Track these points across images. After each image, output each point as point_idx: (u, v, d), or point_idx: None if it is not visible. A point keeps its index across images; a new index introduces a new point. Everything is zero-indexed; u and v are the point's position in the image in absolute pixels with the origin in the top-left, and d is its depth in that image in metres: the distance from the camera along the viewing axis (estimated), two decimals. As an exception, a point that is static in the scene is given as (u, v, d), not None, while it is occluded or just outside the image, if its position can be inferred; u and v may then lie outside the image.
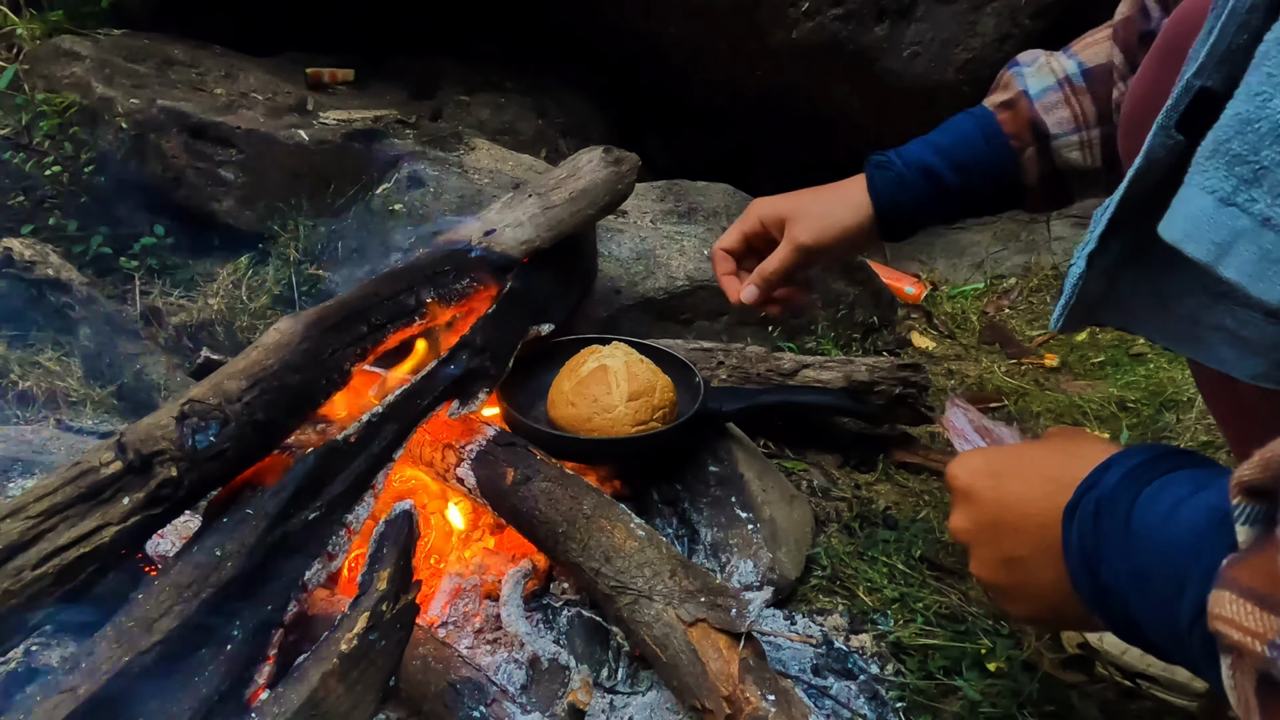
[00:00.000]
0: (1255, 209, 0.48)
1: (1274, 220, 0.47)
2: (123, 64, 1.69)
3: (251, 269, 1.57)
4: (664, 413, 1.05)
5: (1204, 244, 0.50)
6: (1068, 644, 0.92)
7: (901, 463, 1.31)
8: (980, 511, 0.55)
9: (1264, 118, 0.47)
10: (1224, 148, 0.49)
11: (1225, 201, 0.49)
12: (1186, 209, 0.51)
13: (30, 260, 1.41)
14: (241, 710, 0.64)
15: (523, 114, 2.10)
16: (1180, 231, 0.51)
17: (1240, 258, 0.48)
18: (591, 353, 1.09)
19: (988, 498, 0.55)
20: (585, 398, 1.03)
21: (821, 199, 0.93)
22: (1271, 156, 0.47)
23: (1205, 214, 0.50)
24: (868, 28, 1.93)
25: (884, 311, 1.80)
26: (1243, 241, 0.48)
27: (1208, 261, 0.49)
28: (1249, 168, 0.48)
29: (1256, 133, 0.47)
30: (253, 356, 0.77)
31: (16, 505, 0.63)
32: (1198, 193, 0.50)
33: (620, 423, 1.01)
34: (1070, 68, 0.84)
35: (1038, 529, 0.51)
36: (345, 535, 0.78)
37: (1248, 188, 0.48)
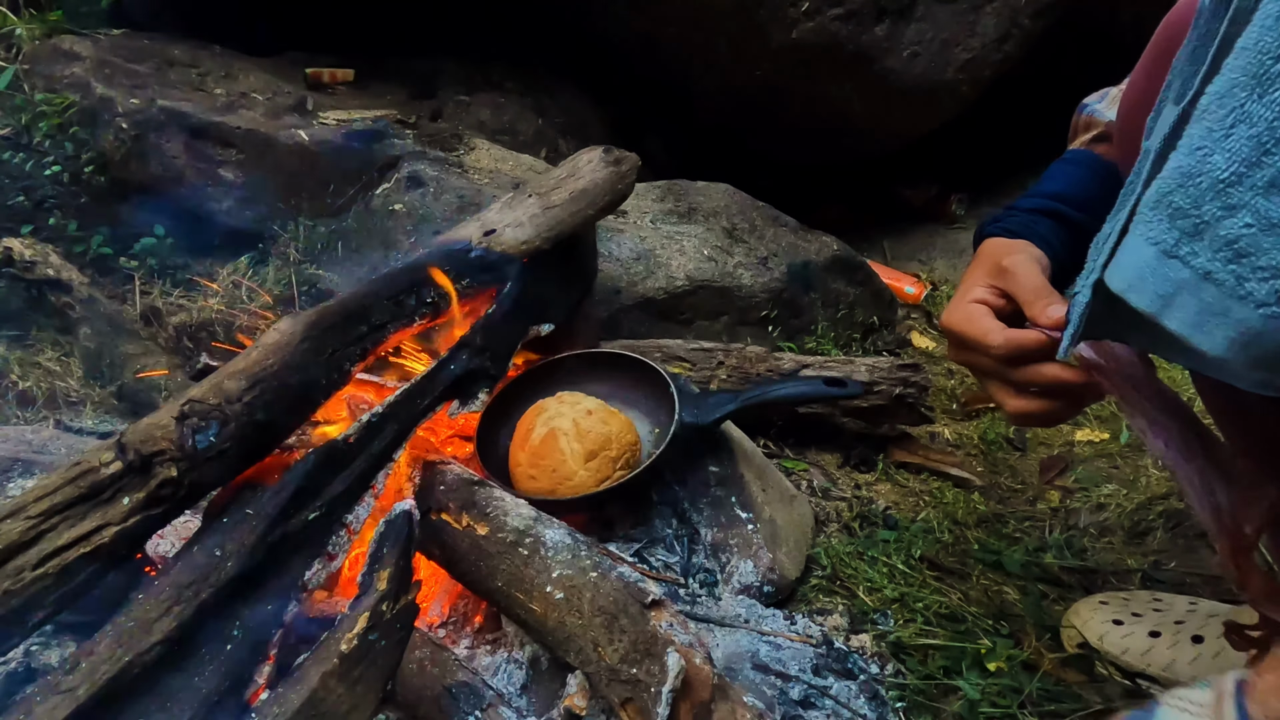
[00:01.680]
0: (1196, 262, 0.48)
1: (1214, 274, 0.47)
2: (123, 64, 1.69)
3: (251, 269, 1.57)
4: (625, 459, 1.02)
5: (1147, 295, 0.50)
6: (1068, 644, 0.92)
7: (901, 463, 1.31)
8: None
9: (1204, 173, 0.47)
10: (1166, 199, 0.49)
11: (1168, 254, 0.49)
12: (1131, 259, 0.51)
13: (30, 260, 1.41)
14: (241, 710, 0.64)
15: (523, 114, 2.09)
16: (1124, 282, 0.51)
17: (1182, 310, 0.48)
18: (538, 412, 1.05)
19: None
20: (543, 469, 1.01)
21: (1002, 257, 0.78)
22: (1212, 211, 0.47)
23: (1148, 265, 0.50)
24: (868, 28, 1.93)
25: (884, 311, 1.80)
26: (1184, 294, 0.48)
27: (1151, 312, 0.50)
28: (1190, 221, 0.48)
29: (1198, 187, 0.47)
30: (253, 356, 0.77)
31: (16, 505, 0.62)
32: (1141, 243, 0.50)
33: (583, 486, 0.99)
34: None
35: None
36: (345, 535, 0.78)
37: (1189, 241, 0.48)
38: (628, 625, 0.72)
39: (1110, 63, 0.78)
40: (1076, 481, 1.28)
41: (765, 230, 1.71)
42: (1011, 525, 1.17)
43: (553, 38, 2.27)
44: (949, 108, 2.15)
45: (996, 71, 2.09)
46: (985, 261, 0.77)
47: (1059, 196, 0.81)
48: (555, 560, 0.78)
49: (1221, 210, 0.46)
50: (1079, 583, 1.04)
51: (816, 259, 1.69)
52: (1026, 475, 1.32)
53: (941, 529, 1.13)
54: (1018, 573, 1.04)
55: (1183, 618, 0.88)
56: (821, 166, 2.54)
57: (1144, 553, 1.10)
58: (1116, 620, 0.90)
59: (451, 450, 1.10)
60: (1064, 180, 0.83)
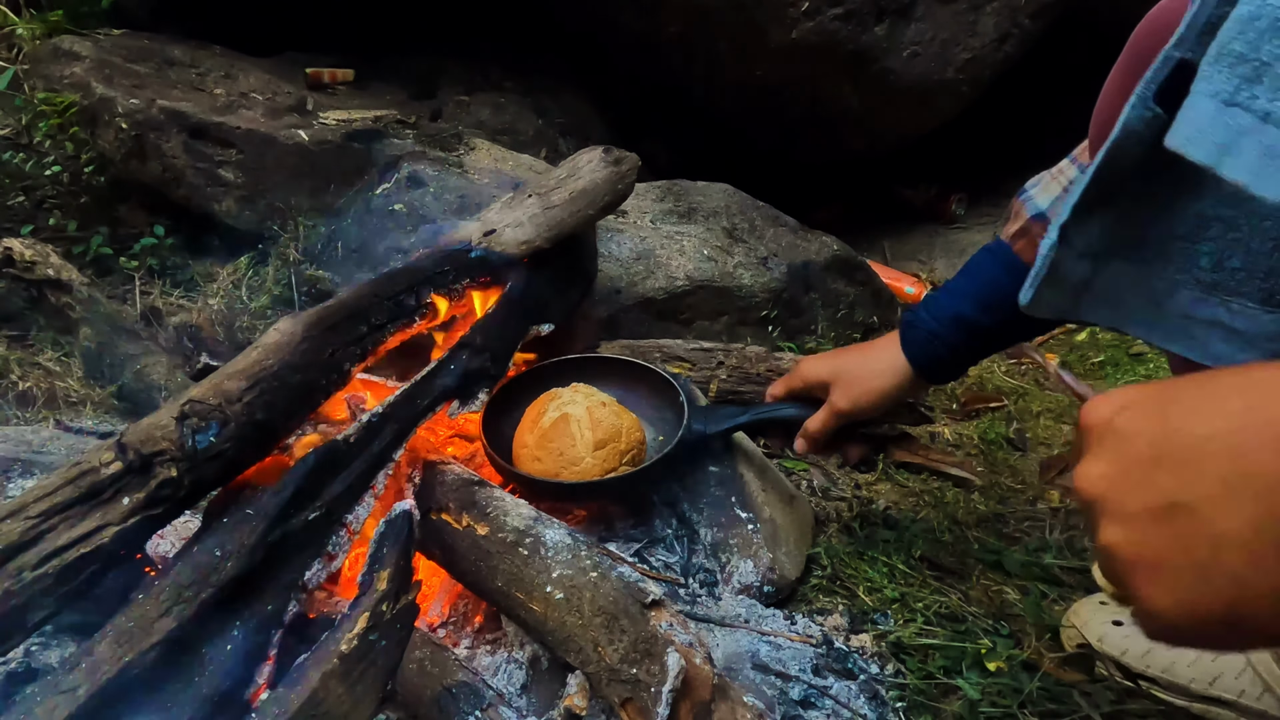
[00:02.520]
0: (1256, 105, 0.47)
1: (1275, 115, 0.46)
2: (123, 64, 1.69)
3: (251, 269, 1.57)
4: (632, 455, 1.02)
5: (1205, 146, 0.48)
6: (1068, 644, 0.92)
7: (901, 463, 1.31)
8: (1130, 448, 0.40)
9: (1264, 14, 0.47)
10: (1227, 49, 0.48)
11: (1227, 102, 0.48)
12: (1190, 115, 0.50)
13: (30, 260, 1.41)
14: (241, 710, 0.64)
15: (523, 114, 2.10)
16: (1182, 137, 0.50)
17: (1242, 157, 0.47)
18: (551, 398, 1.05)
19: (1144, 429, 0.40)
20: (550, 451, 1.00)
21: (862, 363, 0.99)
22: (1272, 51, 0.46)
23: (1207, 117, 0.49)
24: (867, 27, 1.93)
25: (884, 311, 1.81)
26: (1244, 140, 0.47)
27: (1209, 163, 0.48)
28: (1250, 66, 0.47)
29: (1257, 29, 0.47)
30: (253, 356, 0.77)
31: (16, 505, 0.63)
32: (1201, 99, 0.49)
33: (588, 474, 0.98)
34: (1073, 174, 0.85)
35: (1227, 459, 0.36)
36: (345, 535, 0.78)
37: (1249, 86, 0.47)
38: (628, 625, 0.72)
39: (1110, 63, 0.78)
40: (1076, 481, 1.28)
41: (765, 230, 1.71)
42: (1011, 525, 1.17)
43: (553, 38, 2.27)
44: (949, 108, 2.15)
45: (996, 71, 2.09)
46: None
47: (971, 297, 0.92)
48: (555, 560, 0.78)
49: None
50: (1079, 583, 1.04)
51: (816, 259, 1.69)
52: (1026, 475, 1.32)
53: (941, 529, 1.13)
54: (1018, 573, 1.04)
55: (1183, 618, 0.88)
56: (821, 166, 2.54)
57: (1144, 553, 1.10)
58: (1116, 620, 0.90)
59: (452, 450, 1.10)
60: (978, 277, 0.93)
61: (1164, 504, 0.38)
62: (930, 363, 0.94)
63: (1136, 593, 0.39)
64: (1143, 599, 0.38)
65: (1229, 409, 0.38)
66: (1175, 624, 0.37)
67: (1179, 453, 0.38)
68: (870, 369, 0.97)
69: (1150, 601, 0.38)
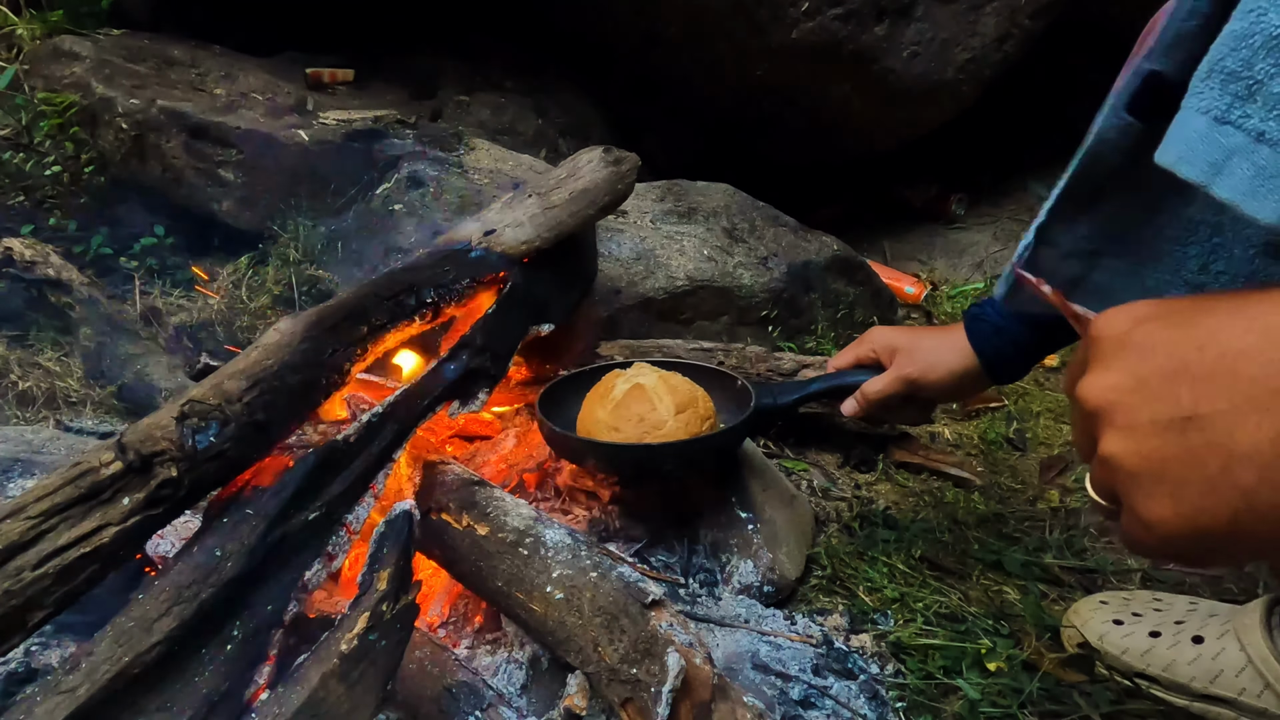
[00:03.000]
0: (1249, 125, 0.46)
1: (1268, 135, 0.46)
2: (123, 64, 1.69)
3: (251, 269, 1.57)
4: (710, 422, 1.02)
5: (1198, 164, 0.48)
6: (1068, 644, 0.92)
7: (901, 463, 1.31)
8: (1149, 360, 0.40)
9: (1258, 31, 0.46)
10: (1219, 66, 0.48)
11: (1219, 120, 0.48)
12: (1181, 132, 0.50)
13: (30, 260, 1.41)
14: (241, 710, 0.64)
15: (523, 114, 2.10)
16: (1174, 154, 0.50)
17: (1234, 176, 0.46)
18: (616, 376, 1.05)
19: (1167, 340, 0.40)
20: (629, 419, 0.98)
21: (935, 340, 1.00)
22: (1266, 69, 0.46)
23: (1199, 134, 0.48)
24: (868, 27, 1.93)
25: (884, 311, 1.80)
26: (1236, 159, 0.46)
27: (1201, 182, 0.48)
28: (1243, 84, 0.47)
29: (1250, 47, 0.46)
30: (253, 356, 0.77)
31: (16, 505, 0.62)
32: (1193, 115, 0.49)
33: (674, 436, 0.97)
34: None
35: (1259, 374, 0.36)
36: (345, 535, 0.78)
37: (1242, 104, 0.47)
38: (628, 625, 0.72)
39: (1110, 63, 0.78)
40: (1076, 481, 1.28)
41: (765, 230, 1.71)
42: (1011, 525, 1.17)
43: (553, 38, 2.27)
44: (949, 108, 2.15)
45: (996, 71, 2.09)
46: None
47: None
48: (555, 560, 0.78)
49: (1275, 67, 0.45)
50: (1079, 583, 1.04)
51: (816, 259, 1.69)
52: (1026, 475, 1.32)
53: (941, 529, 1.13)
54: (1018, 573, 1.04)
55: (1183, 618, 0.88)
56: (822, 166, 2.54)
57: (1144, 553, 1.10)
58: (1117, 620, 0.90)
59: (452, 450, 1.10)
60: None
61: (1180, 416, 0.37)
62: (996, 358, 0.94)
63: (1134, 504, 0.39)
64: (1140, 511, 0.38)
65: (1267, 325, 0.37)
66: (1170, 536, 0.37)
67: (1205, 365, 0.38)
68: (943, 345, 0.98)
69: (1148, 513, 0.38)
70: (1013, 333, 0.93)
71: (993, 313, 0.94)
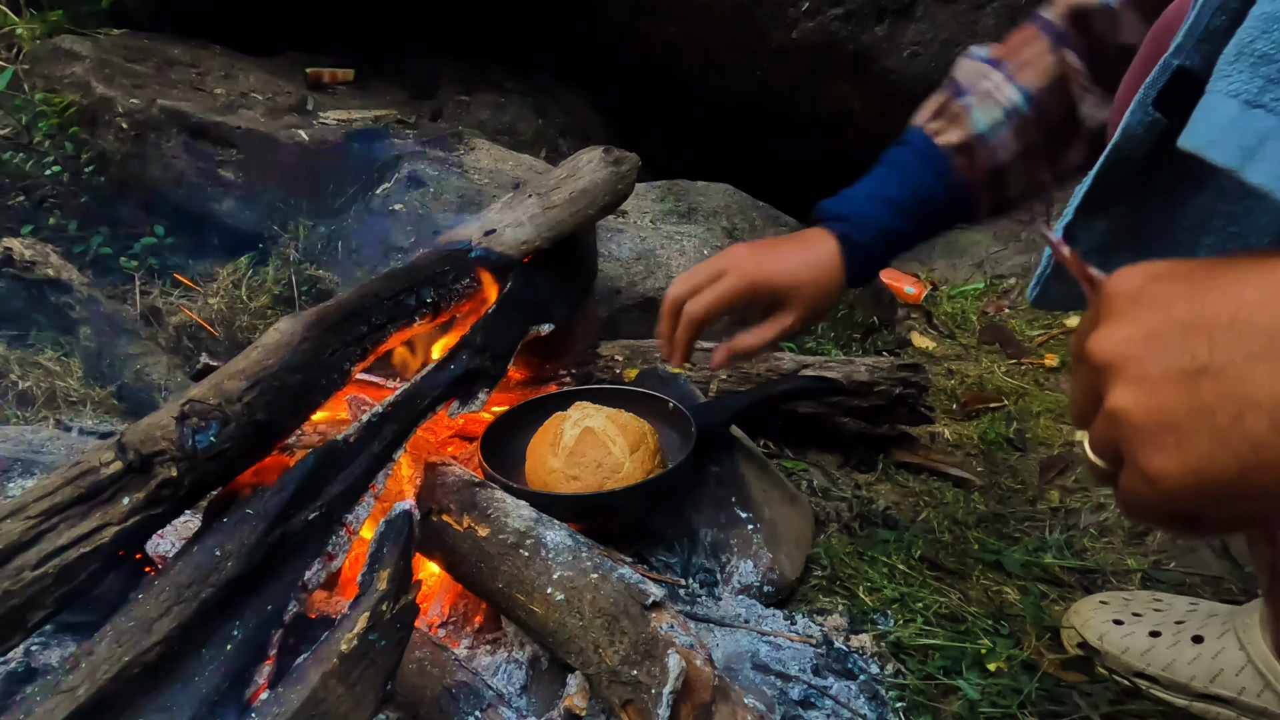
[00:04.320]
0: None
1: None
2: (123, 64, 1.69)
3: (251, 269, 1.57)
4: (660, 455, 1.01)
5: (1229, 149, 0.47)
6: (1068, 644, 0.92)
7: (901, 463, 1.31)
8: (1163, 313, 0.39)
9: None
10: (1249, 49, 0.47)
11: (1251, 103, 0.47)
12: (1208, 115, 0.49)
13: (30, 260, 1.41)
14: (241, 710, 0.64)
15: (523, 114, 2.10)
16: (1203, 138, 0.48)
17: (1267, 161, 0.45)
18: (561, 420, 1.03)
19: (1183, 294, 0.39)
20: (587, 466, 0.96)
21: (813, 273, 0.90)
22: None
23: (1230, 118, 0.47)
24: (868, 27, 1.93)
25: (884, 311, 1.80)
26: (1271, 142, 0.45)
27: (1232, 167, 0.47)
28: (1276, 67, 0.46)
29: None
30: (253, 356, 0.77)
31: (16, 505, 0.62)
32: (1221, 98, 0.48)
33: (632, 478, 0.96)
34: (1016, 98, 0.85)
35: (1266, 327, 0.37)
36: (345, 535, 0.78)
37: (1275, 87, 0.46)
38: (628, 627, 0.72)
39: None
40: (1076, 481, 1.28)
41: (765, 230, 1.71)
42: (1011, 525, 1.17)
43: (553, 38, 2.27)
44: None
45: (996, 71, 2.08)
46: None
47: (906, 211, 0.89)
48: (556, 561, 0.78)
49: None
50: (1079, 583, 1.04)
51: (816, 259, 1.69)
52: (1026, 475, 1.32)
53: (941, 529, 1.13)
54: (1018, 573, 1.04)
55: (1183, 618, 0.88)
56: (822, 166, 2.54)
57: (1144, 553, 1.10)
58: (1117, 620, 0.90)
59: (452, 450, 1.10)
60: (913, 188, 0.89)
61: (1192, 368, 0.37)
62: (859, 275, 0.91)
63: (1138, 459, 0.38)
64: (1145, 464, 0.38)
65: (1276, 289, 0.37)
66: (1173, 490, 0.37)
67: (1222, 317, 0.37)
68: (827, 287, 0.90)
69: (1153, 466, 0.37)
70: (876, 251, 0.90)
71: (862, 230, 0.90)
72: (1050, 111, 0.84)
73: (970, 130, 0.87)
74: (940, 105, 0.91)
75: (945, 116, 0.90)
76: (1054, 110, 0.84)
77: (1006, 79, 0.86)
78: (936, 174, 0.89)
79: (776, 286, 0.90)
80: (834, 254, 0.90)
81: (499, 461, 1.02)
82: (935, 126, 0.90)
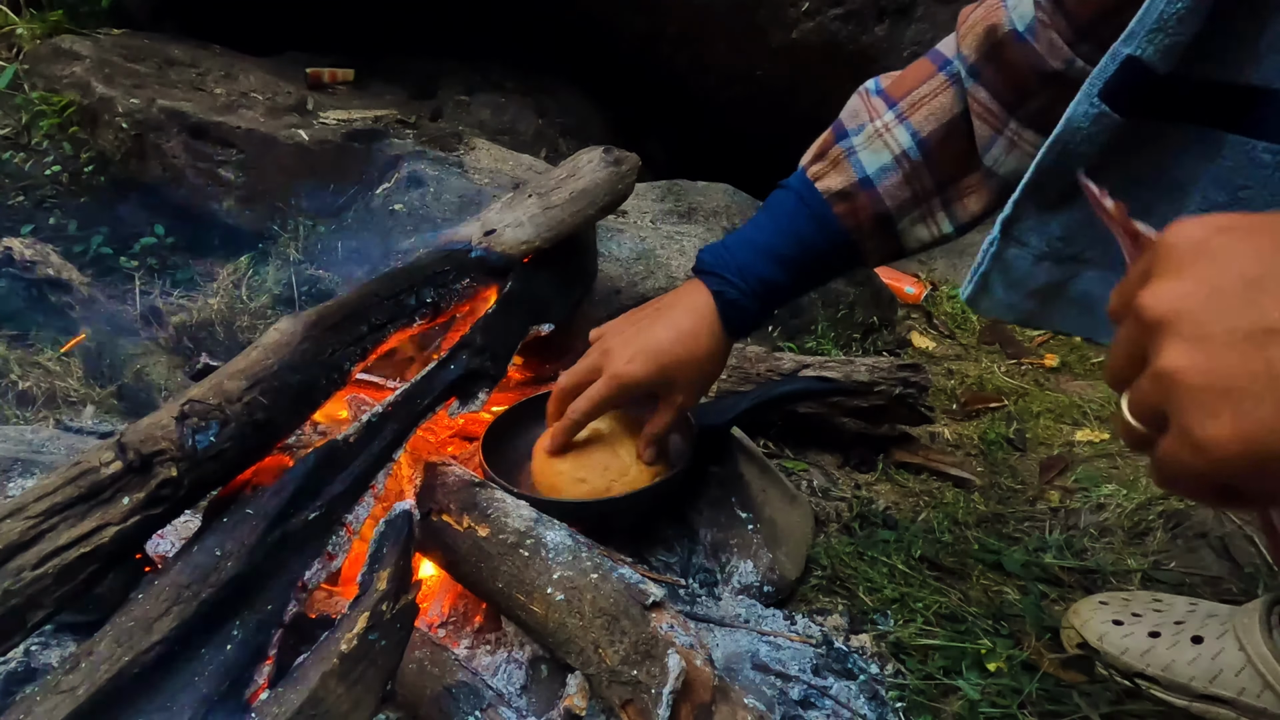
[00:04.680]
0: None
1: None
2: (123, 64, 1.69)
3: (251, 269, 1.57)
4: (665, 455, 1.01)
5: None
6: (1068, 644, 0.92)
7: (901, 463, 1.31)
8: (1230, 267, 0.36)
9: None
10: None
11: None
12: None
13: (30, 260, 1.41)
14: (241, 710, 0.64)
15: (523, 114, 2.10)
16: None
17: None
18: None
19: (1252, 248, 0.36)
20: (594, 469, 0.96)
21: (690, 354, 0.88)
22: None
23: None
24: (868, 28, 1.93)
25: (884, 311, 1.80)
26: None
27: None
28: None
29: None
30: (253, 356, 0.77)
31: (16, 505, 0.62)
32: None
33: (639, 481, 0.96)
34: (905, 141, 0.80)
35: None
36: (345, 535, 0.78)
37: None
38: (629, 627, 0.72)
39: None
40: (1076, 481, 1.28)
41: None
42: (1011, 525, 1.17)
43: (553, 38, 2.27)
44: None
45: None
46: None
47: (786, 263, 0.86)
48: (556, 561, 0.78)
49: None
50: (1079, 583, 1.04)
51: (816, 259, 1.69)
52: (1026, 475, 1.32)
53: (941, 529, 1.13)
54: (1018, 573, 1.04)
55: (1183, 618, 0.88)
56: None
57: (1144, 553, 1.10)
58: (1116, 620, 0.90)
59: (452, 450, 1.10)
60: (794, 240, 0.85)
61: (1259, 328, 0.34)
62: (737, 330, 0.89)
63: (1188, 423, 0.35)
64: (1195, 429, 0.35)
65: None
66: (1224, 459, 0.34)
67: None
68: (701, 350, 0.88)
69: (1204, 432, 0.34)
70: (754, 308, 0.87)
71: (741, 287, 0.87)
72: (943, 156, 0.79)
73: (851, 176, 0.82)
74: (822, 147, 0.87)
75: (827, 159, 0.85)
76: (948, 154, 0.79)
77: (897, 119, 0.81)
78: (817, 222, 0.84)
79: (646, 385, 0.89)
80: (710, 314, 0.88)
81: (500, 461, 1.02)
82: (816, 170, 0.86)
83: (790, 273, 0.86)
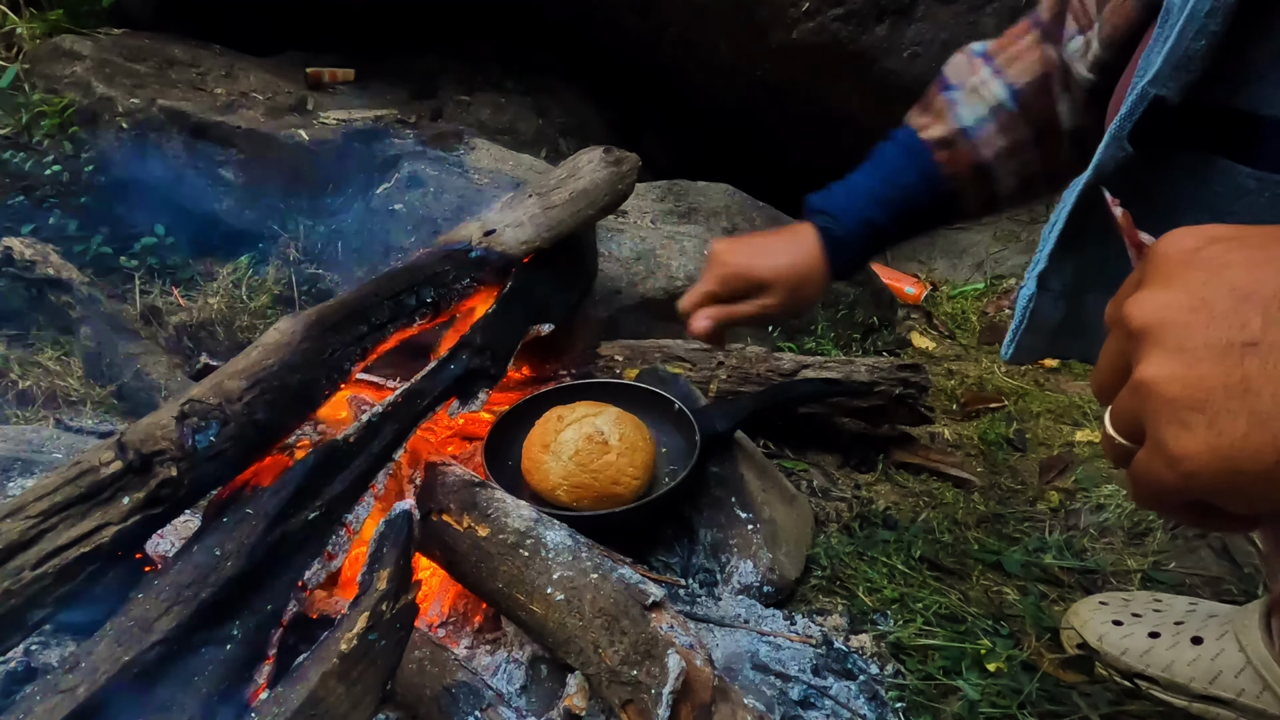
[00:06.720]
0: None
1: None
2: (123, 64, 1.69)
3: (251, 269, 1.57)
4: (654, 466, 1.02)
5: None
6: (1067, 644, 0.92)
7: (901, 463, 1.31)
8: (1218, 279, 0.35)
9: None
10: None
11: None
12: None
13: (30, 260, 1.41)
14: (241, 710, 0.64)
15: (523, 114, 2.10)
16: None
17: None
18: (556, 419, 1.01)
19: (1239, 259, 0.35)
20: (591, 472, 0.96)
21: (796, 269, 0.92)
22: None
23: None
24: (868, 28, 1.93)
25: (884, 311, 1.80)
26: None
27: None
28: None
29: None
30: (253, 356, 0.77)
31: (16, 505, 0.62)
32: None
33: (634, 486, 0.97)
34: (1001, 94, 0.84)
35: None
36: (345, 535, 0.78)
37: None
38: (628, 627, 0.72)
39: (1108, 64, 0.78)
40: (1076, 481, 1.28)
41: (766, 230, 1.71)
42: (1011, 525, 1.17)
43: (553, 38, 2.27)
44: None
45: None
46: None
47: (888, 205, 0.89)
48: (556, 562, 0.78)
49: None
50: (1079, 583, 1.04)
51: (816, 259, 1.69)
52: (1026, 475, 1.32)
53: (941, 529, 1.13)
54: (1018, 573, 1.04)
55: (1182, 618, 0.88)
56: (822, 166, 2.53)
57: (1144, 553, 1.10)
58: (1116, 621, 0.90)
59: (452, 450, 1.10)
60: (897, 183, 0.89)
61: (1239, 341, 0.33)
62: (842, 267, 0.93)
63: (1163, 436, 0.34)
64: (1169, 443, 0.34)
65: None
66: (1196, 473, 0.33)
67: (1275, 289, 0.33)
68: (809, 276, 0.92)
69: (1178, 446, 0.33)
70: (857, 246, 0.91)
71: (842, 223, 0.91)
72: (1036, 108, 0.83)
73: (953, 125, 0.87)
74: (927, 100, 0.91)
75: (931, 111, 0.89)
76: (1040, 107, 0.83)
77: (994, 74, 0.86)
78: (919, 168, 0.88)
79: (755, 277, 0.92)
80: (816, 247, 0.91)
81: (502, 462, 1.02)
82: (921, 121, 0.90)
83: (891, 215, 0.90)
